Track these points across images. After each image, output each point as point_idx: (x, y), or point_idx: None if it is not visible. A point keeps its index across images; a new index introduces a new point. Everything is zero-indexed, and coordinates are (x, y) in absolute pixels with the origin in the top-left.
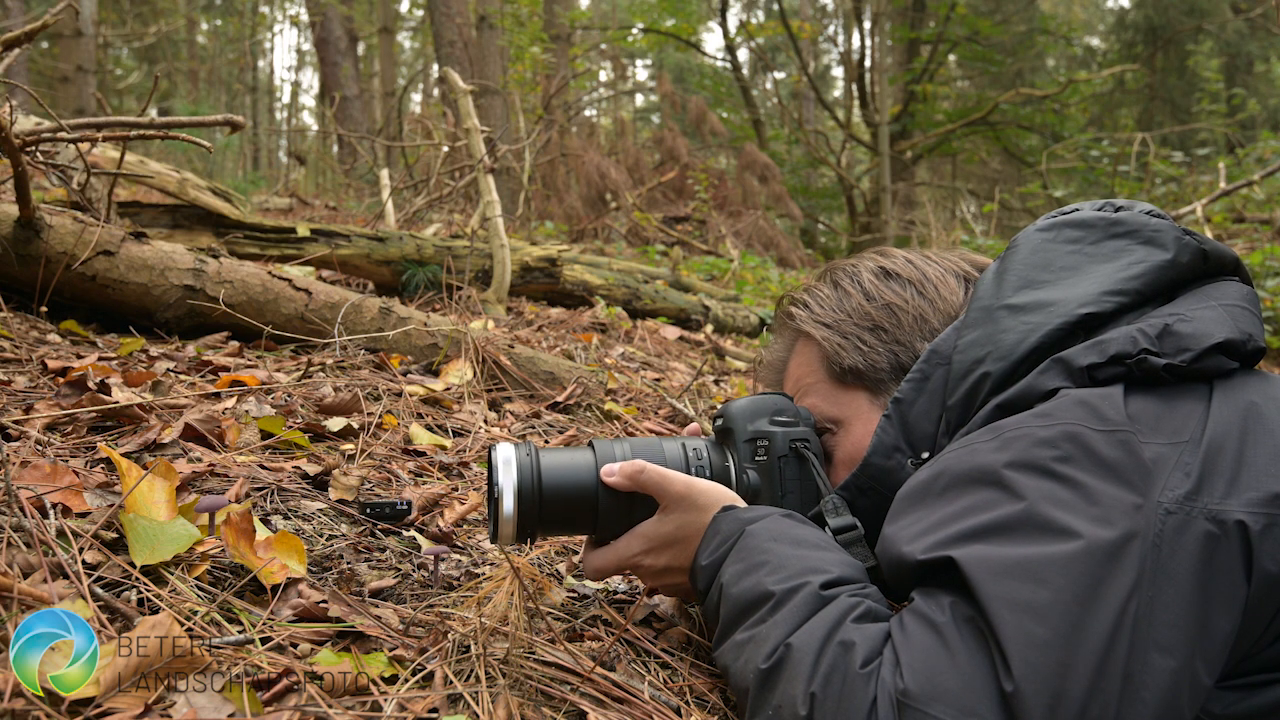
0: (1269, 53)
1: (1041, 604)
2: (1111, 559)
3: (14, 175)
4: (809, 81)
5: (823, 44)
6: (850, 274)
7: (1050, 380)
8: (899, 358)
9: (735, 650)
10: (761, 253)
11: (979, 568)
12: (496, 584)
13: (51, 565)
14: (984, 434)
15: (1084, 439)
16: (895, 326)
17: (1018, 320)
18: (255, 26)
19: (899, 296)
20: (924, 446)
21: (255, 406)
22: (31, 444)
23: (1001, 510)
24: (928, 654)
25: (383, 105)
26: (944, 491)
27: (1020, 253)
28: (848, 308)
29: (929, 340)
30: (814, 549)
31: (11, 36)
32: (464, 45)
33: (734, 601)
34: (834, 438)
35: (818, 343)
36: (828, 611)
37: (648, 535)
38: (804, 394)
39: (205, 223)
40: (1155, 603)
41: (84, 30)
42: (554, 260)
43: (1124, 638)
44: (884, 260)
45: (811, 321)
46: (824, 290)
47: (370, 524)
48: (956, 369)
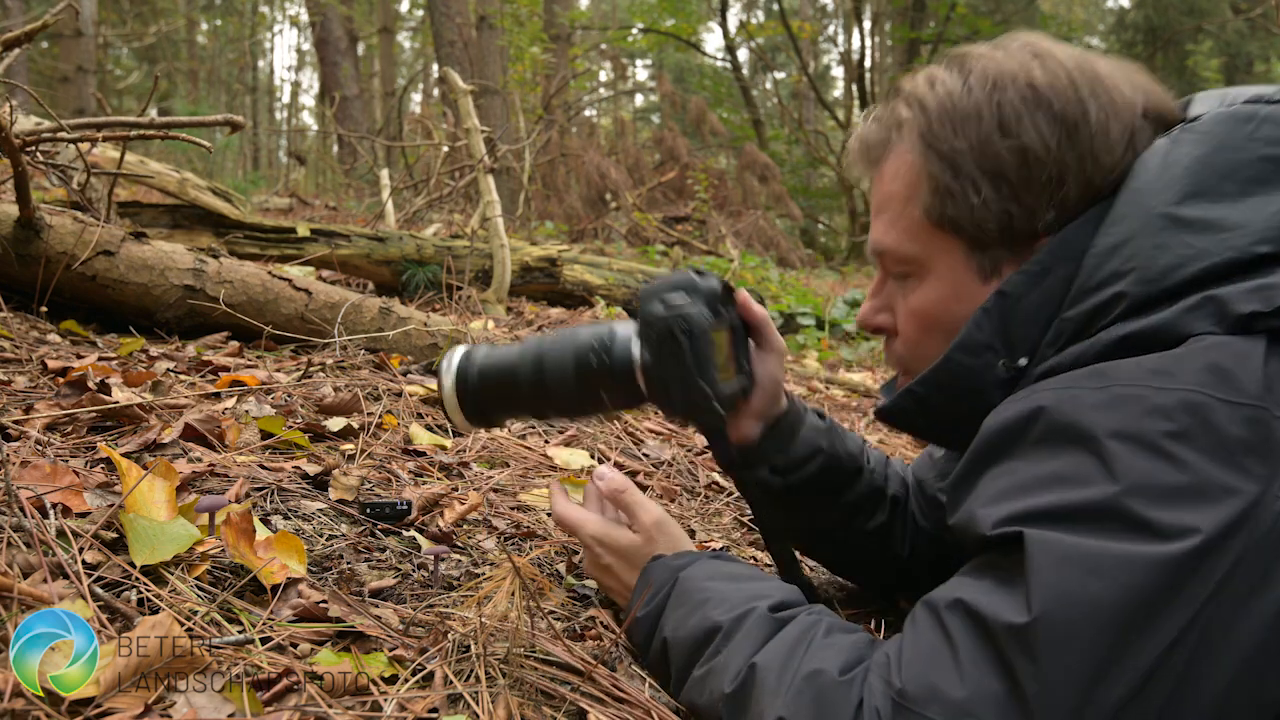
0: (1269, 53)
1: (1094, 615)
2: (1199, 559)
3: (14, 175)
4: (809, 81)
5: (823, 44)
6: (991, 80)
7: (1197, 323)
8: (1013, 221)
9: (698, 686)
10: (761, 253)
11: (1043, 554)
12: (496, 584)
13: (51, 565)
14: (1093, 378)
15: (1206, 413)
16: (1023, 181)
17: (1178, 239)
18: (255, 26)
19: (1041, 140)
20: (1023, 350)
21: (255, 406)
22: (31, 444)
23: (1092, 491)
24: (933, 651)
25: (383, 105)
26: (1038, 444)
27: (1202, 141)
28: (973, 134)
29: (1055, 209)
30: (751, 580)
31: (11, 36)
32: (464, 45)
33: (683, 644)
34: (908, 281)
35: (922, 166)
36: (788, 631)
37: (610, 535)
38: (888, 217)
39: (205, 223)
40: (1230, 621)
41: (84, 30)
42: (554, 260)
43: (1183, 651)
44: (1040, 69)
45: (920, 137)
46: (950, 90)
47: (370, 524)
48: (1087, 275)
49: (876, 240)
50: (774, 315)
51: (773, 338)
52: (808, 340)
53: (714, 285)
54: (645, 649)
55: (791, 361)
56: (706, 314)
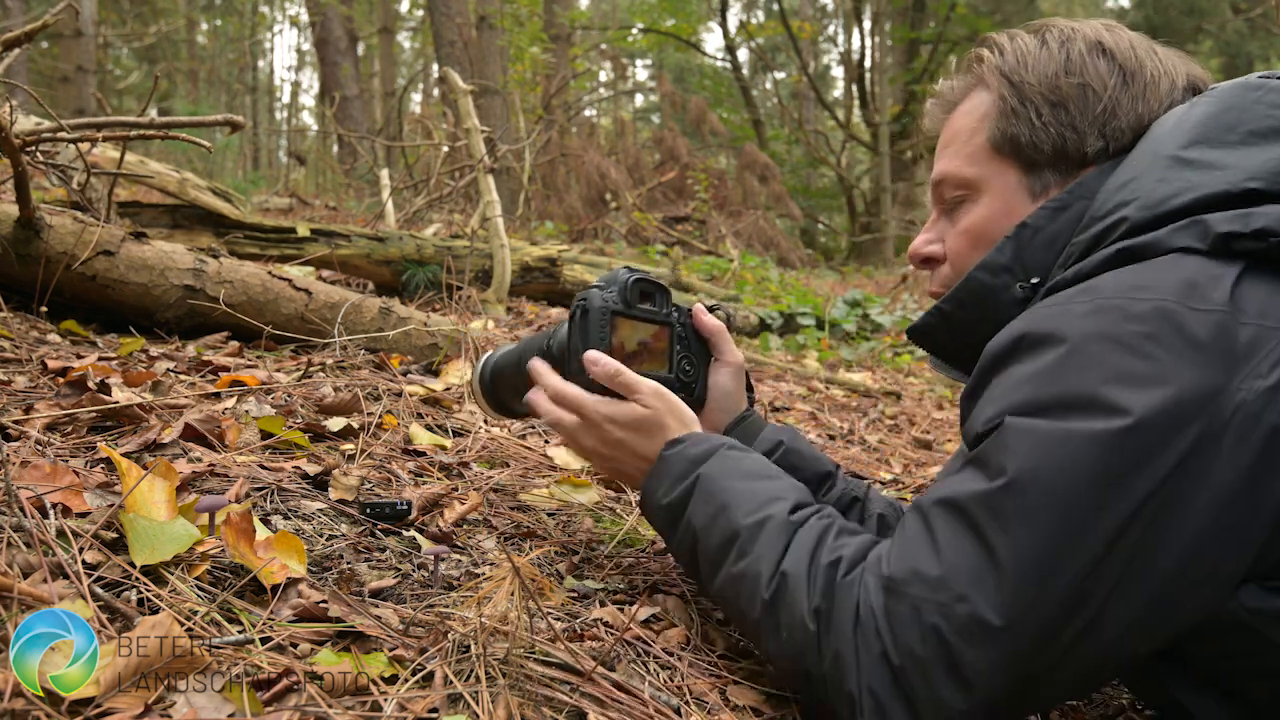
0: (1269, 53)
1: (1061, 485)
2: (1159, 439)
3: (14, 175)
4: (809, 81)
5: (823, 44)
6: (1063, 37)
7: (1182, 239)
8: (1065, 145)
9: (733, 586)
10: (761, 253)
11: (1017, 436)
12: (496, 584)
13: (51, 565)
14: (1082, 294)
15: (1177, 317)
16: (1080, 110)
17: (1178, 174)
18: (255, 26)
19: (1101, 79)
20: (1036, 271)
21: (255, 406)
22: (31, 444)
23: (1067, 383)
24: (916, 540)
25: (383, 105)
26: (1029, 351)
27: (1213, 102)
28: (1041, 71)
29: (1104, 139)
30: (763, 479)
31: (11, 36)
32: (464, 45)
33: (710, 542)
34: (961, 208)
35: (994, 96)
36: (803, 535)
37: (618, 409)
38: (953, 149)
39: (205, 223)
40: (1189, 497)
41: (84, 30)
42: (554, 260)
43: (1140, 523)
44: (1107, 35)
45: (997, 72)
46: (1026, 43)
47: (370, 524)
48: (1098, 207)
49: (939, 170)
50: (774, 315)
51: (726, 350)
52: (808, 340)
53: (634, 280)
54: (670, 533)
55: (791, 361)
56: (610, 299)
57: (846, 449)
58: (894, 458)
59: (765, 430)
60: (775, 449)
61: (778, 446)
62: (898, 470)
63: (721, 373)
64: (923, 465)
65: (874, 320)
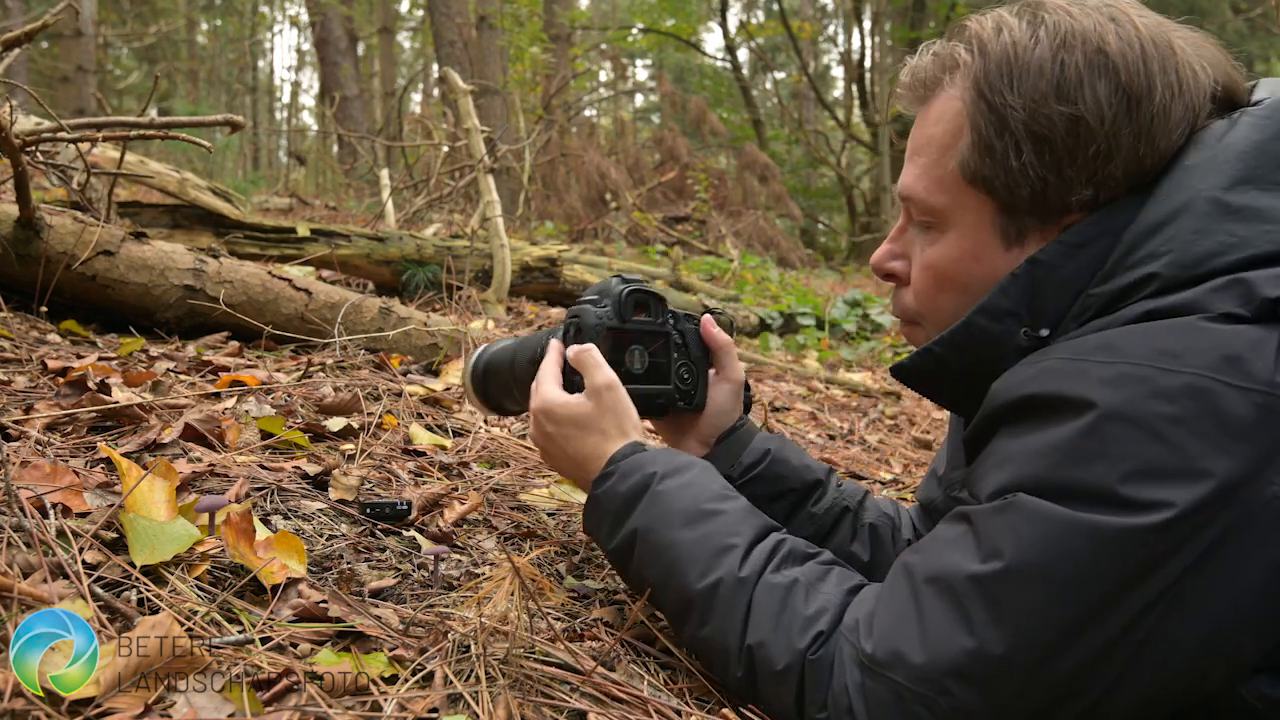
0: (1269, 53)
1: (1068, 581)
2: (1184, 537)
3: (14, 175)
4: (809, 81)
5: (823, 44)
6: (1064, 36)
7: (1222, 303)
8: (1047, 190)
9: (703, 648)
10: (761, 253)
11: (1025, 519)
12: (496, 584)
13: (51, 565)
14: (1101, 352)
15: (1213, 397)
16: (1069, 151)
17: (1222, 226)
18: (255, 26)
19: (1098, 110)
20: (1046, 321)
21: (255, 406)
22: (31, 444)
23: (1085, 470)
24: (901, 616)
25: (383, 105)
26: (1043, 414)
27: (1260, 126)
28: (1028, 92)
29: (1091, 187)
30: (705, 520)
31: (11, 36)
32: (464, 45)
33: (670, 605)
34: (929, 232)
35: (968, 115)
36: (762, 598)
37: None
38: (923, 163)
39: (205, 223)
40: (1207, 592)
41: (84, 30)
42: (554, 260)
43: (1147, 622)
44: (1114, 35)
45: (973, 83)
46: (1019, 40)
47: (370, 524)
48: (1123, 252)
49: (906, 186)
50: (774, 315)
51: (730, 366)
52: (808, 340)
53: (629, 292)
54: (625, 575)
55: (791, 361)
56: (604, 314)
57: (846, 449)
58: (894, 458)
59: (754, 439)
60: (762, 458)
61: (764, 456)
62: (898, 470)
63: (720, 389)
64: (923, 465)
65: (874, 320)
